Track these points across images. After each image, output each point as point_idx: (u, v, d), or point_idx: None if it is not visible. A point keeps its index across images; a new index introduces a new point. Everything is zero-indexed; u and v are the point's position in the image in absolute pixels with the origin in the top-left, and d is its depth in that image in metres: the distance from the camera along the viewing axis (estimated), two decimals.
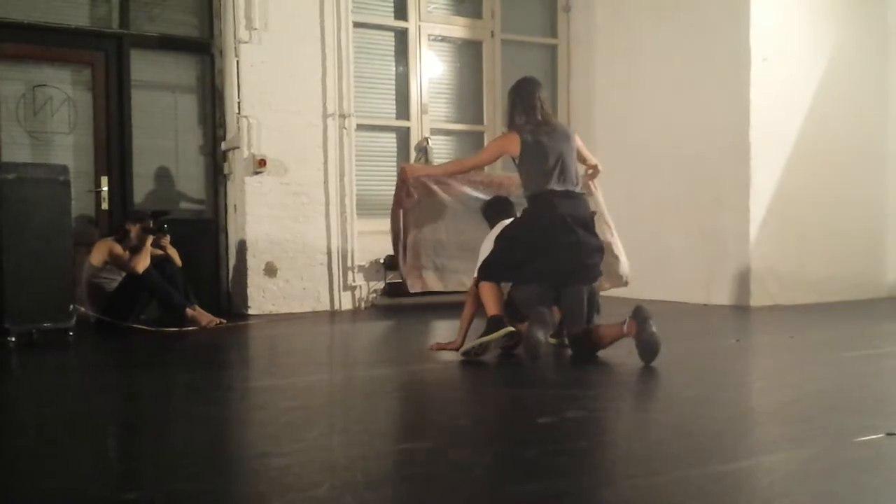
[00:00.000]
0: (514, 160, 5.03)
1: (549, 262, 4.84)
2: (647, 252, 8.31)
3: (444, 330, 5.25)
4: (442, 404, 3.92)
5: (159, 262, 6.49)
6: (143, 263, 6.28)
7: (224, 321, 6.53)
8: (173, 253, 6.65)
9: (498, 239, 5.04)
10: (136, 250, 6.33)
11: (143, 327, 6.16)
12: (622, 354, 4.72)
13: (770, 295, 7.48)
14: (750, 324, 6.66)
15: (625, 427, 3.37)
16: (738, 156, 7.48)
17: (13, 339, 5.39)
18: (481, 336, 4.78)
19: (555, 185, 4.92)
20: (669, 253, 8.08)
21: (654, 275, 8.18)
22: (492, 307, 4.85)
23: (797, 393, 3.99)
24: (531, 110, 5.13)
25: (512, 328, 4.78)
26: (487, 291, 4.90)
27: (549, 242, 4.82)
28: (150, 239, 6.39)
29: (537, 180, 4.95)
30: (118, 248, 6.34)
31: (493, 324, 4.79)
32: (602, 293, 5.33)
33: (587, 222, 4.97)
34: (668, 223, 8.10)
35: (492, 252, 4.98)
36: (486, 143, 8.72)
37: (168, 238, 6.62)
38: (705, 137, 7.75)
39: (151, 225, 6.43)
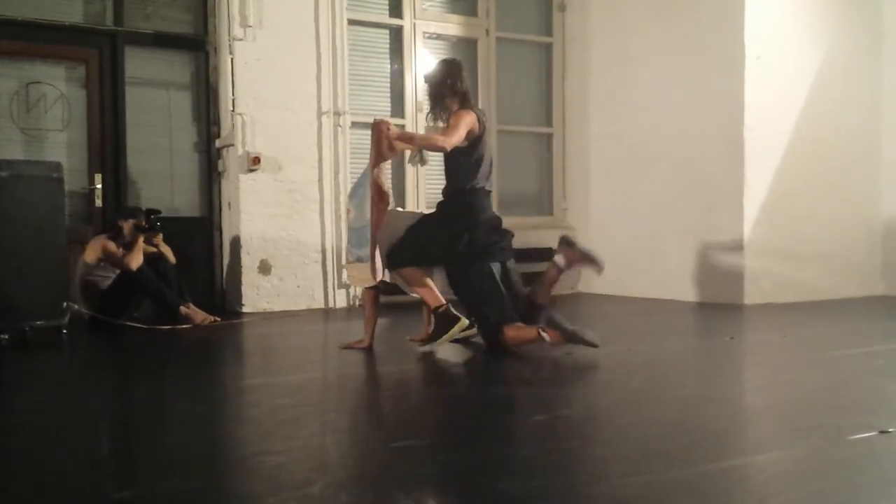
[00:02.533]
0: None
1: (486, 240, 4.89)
2: (641, 250, 8.33)
3: None
4: (436, 402, 3.92)
5: (153, 260, 6.48)
6: (136, 261, 6.28)
7: (218, 319, 6.53)
8: (167, 250, 6.64)
9: (414, 232, 4.91)
10: (129, 247, 6.32)
11: (137, 325, 6.15)
12: (618, 353, 4.73)
13: (764, 293, 7.49)
14: (744, 322, 6.67)
15: (618, 425, 3.38)
16: (732, 154, 7.49)
17: (6, 336, 5.37)
18: (435, 334, 4.76)
19: (484, 183, 4.92)
20: (664, 251, 8.09)
21: (648, 273, 8.20)
22: (432, 296, 4.79)
23: (790, 391, 4.00)
24: (465, 94, 4.96)
25: (467, 320, 4.75)
26: (418, 279, 4.82)
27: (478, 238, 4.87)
28: (142, 237, 6.38)
29: (471, 174, 4.87)
30: (112, 246, 6.34)
31: (444, 318, 4.74)
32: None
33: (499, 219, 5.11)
34: (662, 221, 8.11)
35: (406, 240, 4.87)
36: None
37: (161, 236, 6.60)
38: (700, 136, 7.75)
39: (144, 223, 6.42)
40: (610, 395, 4.01)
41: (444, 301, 4.79)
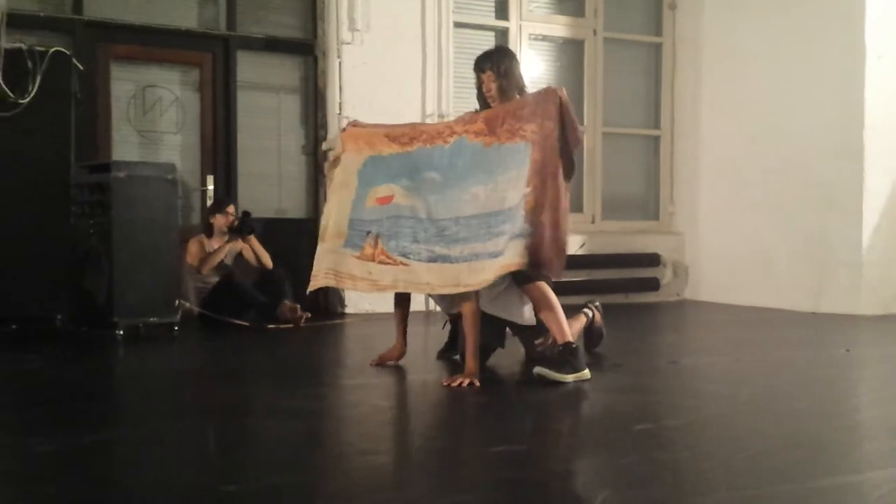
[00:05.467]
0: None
1: None
2: (751, 256, 8.09)
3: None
4: (534, 407, 3.88)
5: (267, 274, 6.63)
6: (207, 266, 6.44)
7: (308, 315, 6.55)
8: (260, 250, 6.69)
9: None
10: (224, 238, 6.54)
11: (243, 323, 6.28)
12: (727, 362, 4.60)
13: (883, 303, 7.17)
14: (861, 333, 6.41)
15: (726, 437, 3.27)
16: (850, 157, 7.20)
17: (121, 332, 5.58)
18: (562, 367, 4.15)
19: None
20: (776, 257, 7.84)
21: (759, 280, 7.96)
22: (564, 328, 4.20)
23: None
24: (524, 90, 4.51)
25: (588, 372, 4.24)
26: (552, 298, 4.24)
27: None
28: (227, 244, 6.52)
29: None
30: (202, 245, 6.52)
31: (573, 353, 4.18)
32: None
33: None
34: (775, 226, 7.85)
35: None
36: (585, 145, 8.62)
37: (253, 237, 6.69)
38: (816, 138, 7.48)
39: (235, 223, 6.57)
40: (717, 405, 3.89)
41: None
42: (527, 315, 4.52)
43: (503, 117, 4.23)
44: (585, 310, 4.98)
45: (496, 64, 4.42)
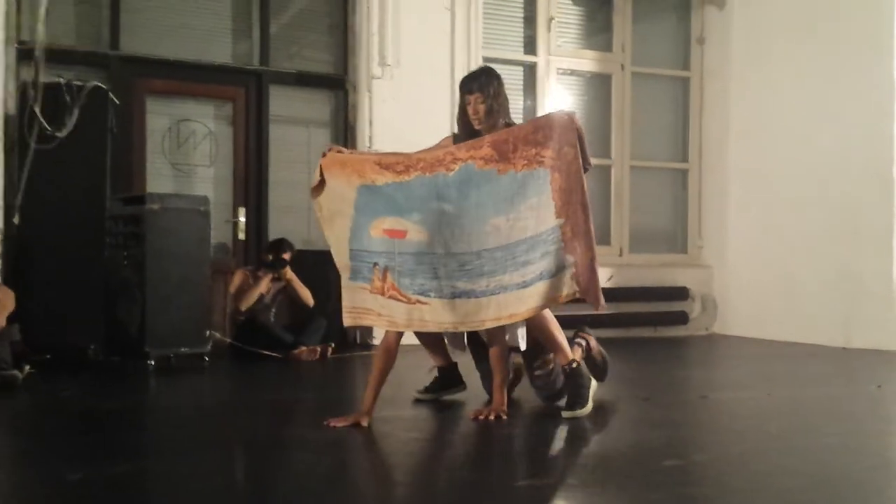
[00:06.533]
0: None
1: None
2: (781, 290, 8.03)
3: None
4: (561, 441, 3.87)
5: (307, 315, 6.64)
6: (245, 303, 6.46)
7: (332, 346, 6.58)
8: (299, 286, 6.69)
9: None
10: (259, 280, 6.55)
11: (274, 354, 6.31)
12: (756, 398, 4.57)
13: None
14: (894, 370, 6.33)
15: (755, 473, 3.25)
16: (881, 190, 7.16)
17: (152, 362, 5.64)
18: (577, 399, 4.14)
19: None
20: (805, 292, 7.78)
21: (789, 315, 7.89)
22: (566, 349, 4.24)
23: None
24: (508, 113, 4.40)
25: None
26: (555, 322, 4.23)
27: None
28: (265, 279, 6.55)
29: None
30: (244, 280, 6.56)
31: (579, 375, 4.19)
32: None
33: None
34: (804, 259, 7.80)
35: None
36: (613, 178, 8.66)
37: (287, 269, 6.67)
38: (846, 172, 7.45)
39: (270, 258, 6.60)
40: (746, 441, 3.87)
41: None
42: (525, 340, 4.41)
43: (513, 143, 4.03)
44: (578, 340, 4.66)
45: (485, 86, 4.26)
